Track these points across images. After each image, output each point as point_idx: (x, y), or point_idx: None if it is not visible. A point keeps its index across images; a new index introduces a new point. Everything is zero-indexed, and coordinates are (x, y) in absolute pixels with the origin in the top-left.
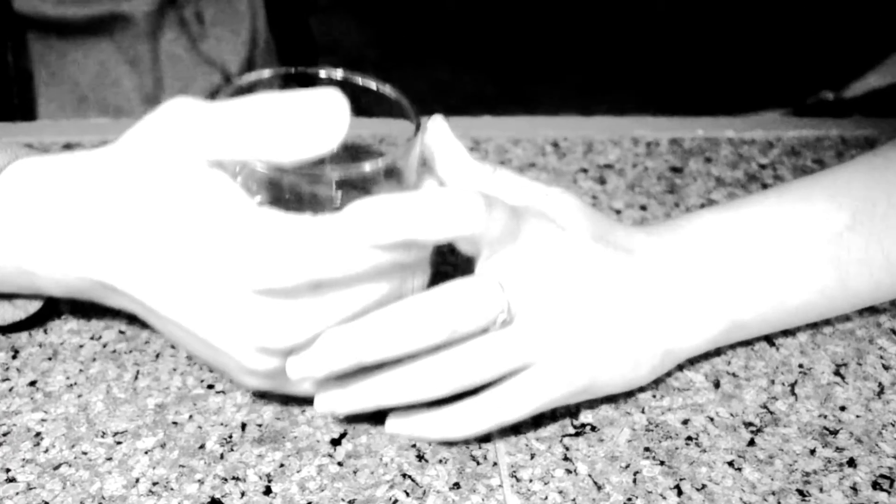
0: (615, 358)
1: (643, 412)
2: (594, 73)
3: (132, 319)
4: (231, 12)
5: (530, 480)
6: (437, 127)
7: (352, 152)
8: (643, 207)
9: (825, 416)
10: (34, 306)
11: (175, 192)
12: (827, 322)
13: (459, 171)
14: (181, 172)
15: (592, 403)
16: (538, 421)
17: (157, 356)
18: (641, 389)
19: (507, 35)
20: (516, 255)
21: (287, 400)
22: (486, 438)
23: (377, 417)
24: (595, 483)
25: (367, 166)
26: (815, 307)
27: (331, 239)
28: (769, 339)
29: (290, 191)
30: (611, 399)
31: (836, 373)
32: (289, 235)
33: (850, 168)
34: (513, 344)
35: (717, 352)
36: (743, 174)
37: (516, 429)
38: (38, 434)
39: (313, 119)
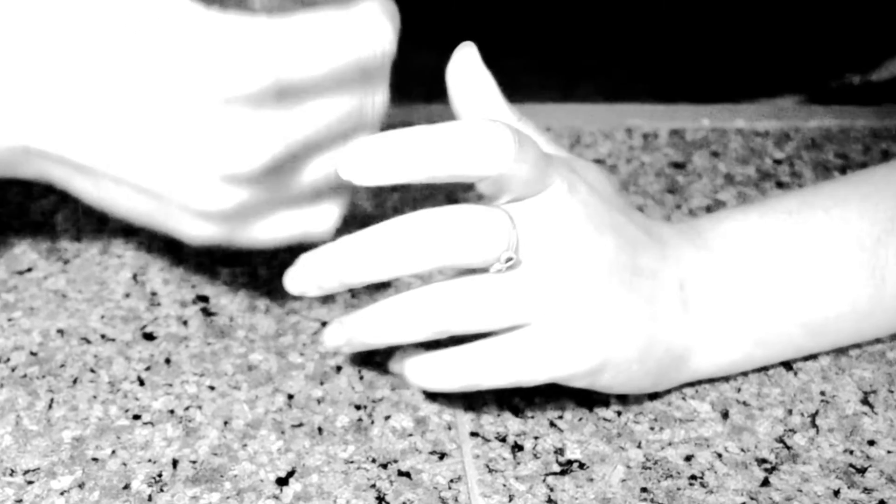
0: (628, 336)
1: (639, 447)
2: (581, 51)
3: (45, 339)
4: None
5: None
6: (466, 55)
7: None
8: (640, 209)
9: (851, 452)
10: None
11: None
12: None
13: (485, 110)
14: None
15: (580, 437)
16: (517, 456)
17: (75, 381)
18: (637, 421)
19: (478, 6)
20: (540, 203)
21: (226, 433)
22: (457, 477)
23: (330, 452)
24: None
25: None
26: (847, 324)
27: (292, 38)
28: (786, 362)
29: None
30: (602, 432)
31: (864, 401)
32: (249, 36)
33: (888, 166)
34: (514, 291)
35: (726, 377)
36: (755, 171)
37: (492, 466)
38: None
39: None
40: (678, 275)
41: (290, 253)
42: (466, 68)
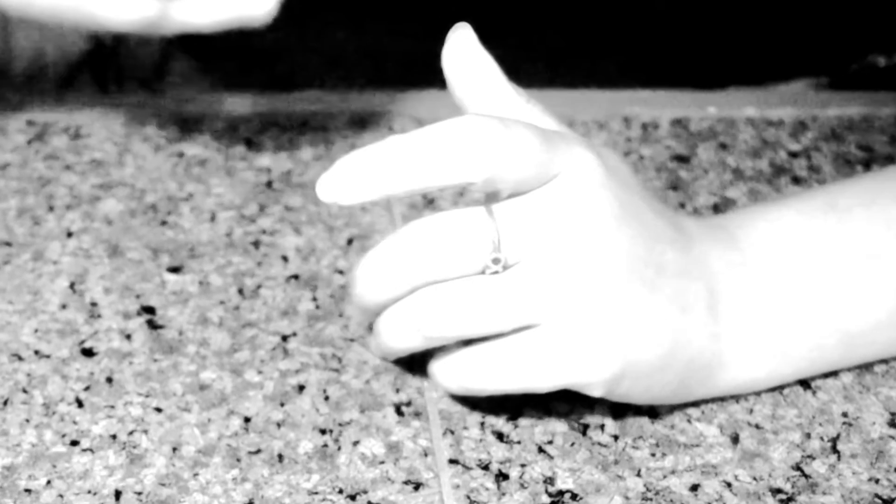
0: (650, 339)
1: (639, 475)
2: (572, 32)
3: None
4: None
5: None
6: (462, 38)
7: None
8: None
9: (877, 481)
10: None
11: None
12: None
13: (485, 95)
14: None
15: (573, 464)
16: (502, 486)
17: (5, 403)
18: (636, 446)
19: None
20: (548, 193)
21: (174, 461)
22: None
23: (292, 482)
24: None
25: None
26: (882, 335)
27: None
28: (804, 380)
29: None
30: (597, 458)
31: (891, 423)
32: None
33: None
34: (511, 290)
35: (736, 396)
36: (768, 164)
37: (473, 497)
38: None
39: None
40: (706, 276)
41: (246, 258)
42: (464, 52)
